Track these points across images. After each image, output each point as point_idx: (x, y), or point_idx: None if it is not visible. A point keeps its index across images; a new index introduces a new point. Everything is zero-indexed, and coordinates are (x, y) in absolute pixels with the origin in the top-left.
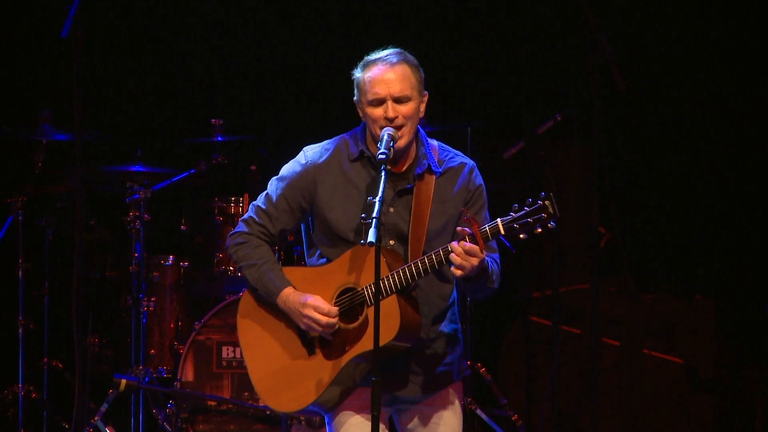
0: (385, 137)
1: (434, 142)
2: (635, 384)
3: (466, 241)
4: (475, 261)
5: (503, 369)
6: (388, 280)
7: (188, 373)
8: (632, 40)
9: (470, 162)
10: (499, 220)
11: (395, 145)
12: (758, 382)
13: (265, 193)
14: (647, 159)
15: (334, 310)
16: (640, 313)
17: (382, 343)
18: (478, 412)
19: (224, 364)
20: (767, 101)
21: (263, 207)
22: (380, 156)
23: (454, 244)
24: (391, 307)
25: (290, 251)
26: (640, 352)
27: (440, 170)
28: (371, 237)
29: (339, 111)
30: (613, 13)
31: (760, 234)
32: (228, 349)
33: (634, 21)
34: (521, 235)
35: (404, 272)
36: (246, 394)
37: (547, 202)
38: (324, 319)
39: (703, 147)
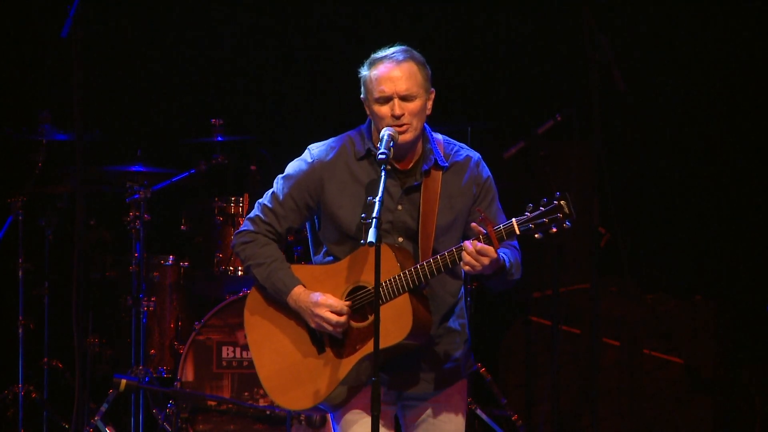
0: (386, 137)
1: (439, 136)
2: (635, 384)
3: (479, 240)
4: (486, 261)
5: (503, 369)
6: (401, 278)
7: (188, 373)
8: (632, 40)
9: (476, 155)
10: (514, 219)
11: (400, 140)
12: (758, 382)
13: (270, 191)
14: (647, 159)
15: (346, 308)
16: (640, 313)
17: (393, 341)
18: (478, 412)
19: (224, 364)
20: (767, 101)
21: (269, 205)
22: (380, 156)
23: (467, 243)
24: (403, 305)
25: (290, 251)
26: (640, 352)
27: (447, 164)
28: (371, 237)
29: (339, 110)
30: (613, 13)
31: (760, 234)
32: (228, 349)
33: (634, 21)
34: (536, 235)
35: (416, 271)
36: (246, 394)
37: (562, 202)
38: (335, 318)
39: (703, 147)
